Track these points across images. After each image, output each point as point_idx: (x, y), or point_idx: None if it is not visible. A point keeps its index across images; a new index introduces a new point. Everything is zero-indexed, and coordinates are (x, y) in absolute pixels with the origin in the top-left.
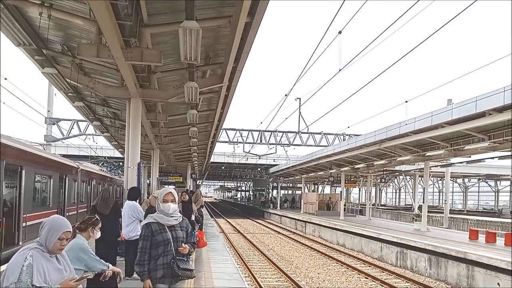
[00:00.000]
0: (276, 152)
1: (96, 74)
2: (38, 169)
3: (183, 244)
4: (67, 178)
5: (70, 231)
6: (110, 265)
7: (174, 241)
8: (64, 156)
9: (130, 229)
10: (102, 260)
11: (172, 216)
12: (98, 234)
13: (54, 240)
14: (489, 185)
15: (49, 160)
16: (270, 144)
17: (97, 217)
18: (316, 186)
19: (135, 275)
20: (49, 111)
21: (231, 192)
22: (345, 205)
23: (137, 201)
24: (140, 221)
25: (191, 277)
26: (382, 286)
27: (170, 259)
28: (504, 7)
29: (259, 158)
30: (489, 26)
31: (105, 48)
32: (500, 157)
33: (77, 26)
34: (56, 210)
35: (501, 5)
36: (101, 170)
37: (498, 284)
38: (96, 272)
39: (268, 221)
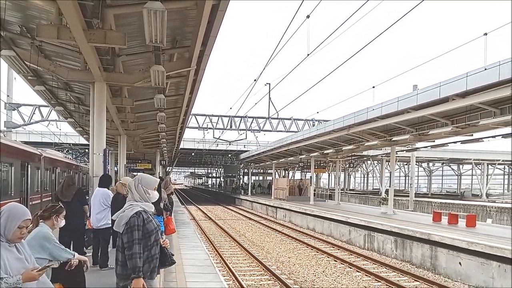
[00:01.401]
0: (246, 138)
1: (57, 57)
2: None
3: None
4: (29, 166)
5: (30, 219)
6: (76, 254)
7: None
8: (26, 143)
9: (101, 217)
10: (67, 249)
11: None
12: (62, 223)
13: (13, 228)
14: (452, 169)
15: (9, 147)
16: (240, 130)
17: (61, 205)
18: (286, 172)
19: (110, 265)
20: (8, 96)
21: (202, 178)
22: (315, 190)
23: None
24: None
25: (174, 262)
26: (350, 268)
27: (159, 248)
28: None
29: (230, 144)
30: (454, 12)
31: (66, 30)
32: (463, 142)
33: (36, 6)
34: (18, 199)
35: None
36: (65, 157)
37: (460, 263)
38: (61, 261)
39: (240, 207)
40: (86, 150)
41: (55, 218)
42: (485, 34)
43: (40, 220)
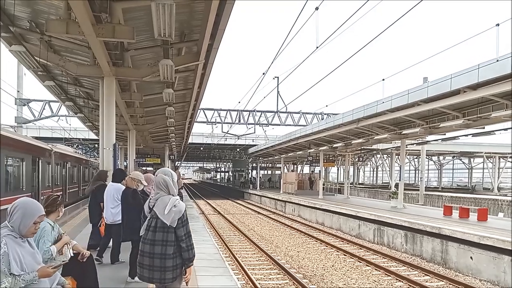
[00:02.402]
0: (255, 132)
1: (66, 52)
2: (9, 152)
3: None
4: (40, 161)
5: (44, 214)
6: (75, 244)
7: None
8: (36, 138)
9: (116, 212)
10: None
11: None
12: (63, 211)
13: (29, 224)
14: (463, 163)
15: (20, 143)
16: (248, 124)
17: (59, 195)
18: (295, 166)
19: (121, 259)
20: (18, 91)
21: (211, 173)
22: (323, 184)
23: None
24: None
25: None
26: (360, 262)
27: None
28: None
29: (238, 139)
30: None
31: (74, 24)
32: (474, 135)
33: (44, 1)
34: (30, 194)
35: None
36: (75, 152)
37: (471, 257)
38: (71, 255)
39: (248, 201)
40: (96, 145)
41: (60, 209)
42: (497, 24)
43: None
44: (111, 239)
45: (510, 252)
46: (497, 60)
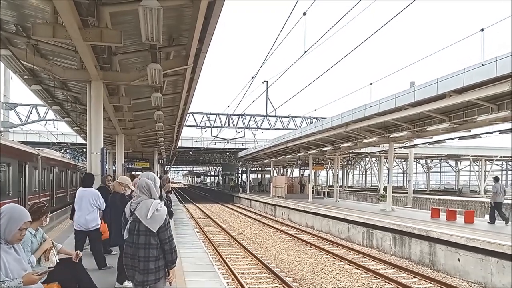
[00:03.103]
0: (244, 136)
1: (53, 55)
2: None
3: None
4: (27, 166)
5: (30, 221)
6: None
7: None
8: (23, 143)
9: (91, 218)
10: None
11: None
12: (47, 220)
13: (14, 230)
14: (450, 165)
15: (6, 147)
16: (238, 128)
17: (46, 204)
18: (284, 170)
19: (108, 264)
20: (5, 95)
21: (200, 177)
22: (313, 188)
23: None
24: (100, 209)
25: None
26: (350, 265)
27: None
28: None
29: (228, 142)
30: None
31: (61, 28)
32: (460, 138)
33: (31, 5)
34: (16, 199)
35: None
36: (63, 156)
37: (459, 259)
38: (57, 262)
39: (238, 205)
40: (84, 150)
41: (44, 218)
42: (482, 30)
43: None
44: (91, 246)
45: (497, 253)
46: (482, 65)
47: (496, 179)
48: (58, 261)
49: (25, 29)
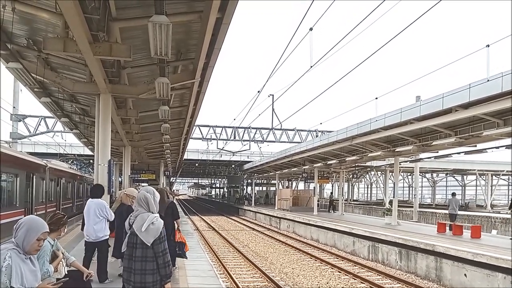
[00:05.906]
0: (250, 149)
1: (63, 69)
2: (3, 168)
3: None
4: (34, 177)
5: (48, 232)
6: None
7: None
8: (31, 154)
9: (98, 228)
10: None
11: None
12: (65, 231)
13: (32, 241)
14: (456, 180)
15: (15, 158)
16: (243, 140)
17: (65, 215)
18: (290, 182)
19: (109, 278)
20: (14, 107)
21: (206, 189)
22: (318, 201)
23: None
24: (108, 220)
25: None
26: (355, 279)
27: None
28: (468, 5)
29: (233, 155)
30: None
31: (72, 42)
32: (466, 152)
33: (42, 19)
34: (23, 209)
35: (466, 4)
36: (70, 168)
37: (465, 275)
38: (65, 273)
39: (243, 218)
40: (91, 161)
41: (62, 229)
42: (488, 45)
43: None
44: (98, 257)
45: (504, 269)
46: (488, 80)
47: (453, 194)
48: (66, 273)
49: (36, 43)
